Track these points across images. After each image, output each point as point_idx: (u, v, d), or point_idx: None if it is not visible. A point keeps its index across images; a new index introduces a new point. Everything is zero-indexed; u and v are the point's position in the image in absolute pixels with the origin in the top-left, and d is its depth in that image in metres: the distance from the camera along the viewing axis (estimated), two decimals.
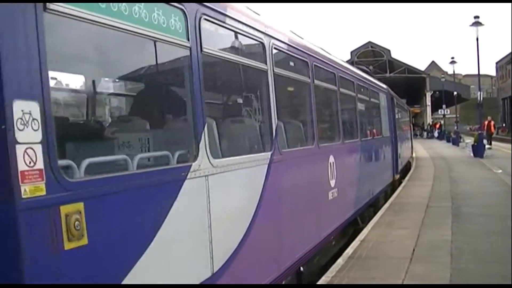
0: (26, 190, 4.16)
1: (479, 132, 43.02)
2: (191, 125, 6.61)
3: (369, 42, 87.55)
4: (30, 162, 4.21)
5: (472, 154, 40.53)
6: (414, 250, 11.93)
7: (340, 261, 11.29)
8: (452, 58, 70.39)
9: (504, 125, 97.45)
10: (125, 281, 5.23)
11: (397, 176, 25.34)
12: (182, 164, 6.41)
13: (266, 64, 8.91)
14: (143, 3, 5.78)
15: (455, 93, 77.69)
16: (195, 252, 6.65)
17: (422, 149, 51.76)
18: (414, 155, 41.73)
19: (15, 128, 4.10)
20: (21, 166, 4.12)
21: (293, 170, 10.06)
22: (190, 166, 6.45)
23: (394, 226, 14.68)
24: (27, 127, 4.20)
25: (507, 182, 23.77)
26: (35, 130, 4.27)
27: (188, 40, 6.52)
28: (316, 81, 11.67)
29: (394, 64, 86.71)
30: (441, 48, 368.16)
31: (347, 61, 71.82)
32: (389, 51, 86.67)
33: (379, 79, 22.41)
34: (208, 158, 6.78)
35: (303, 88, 11.34)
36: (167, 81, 7.81)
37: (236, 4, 7.88)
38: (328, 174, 12.27)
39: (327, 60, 13.30)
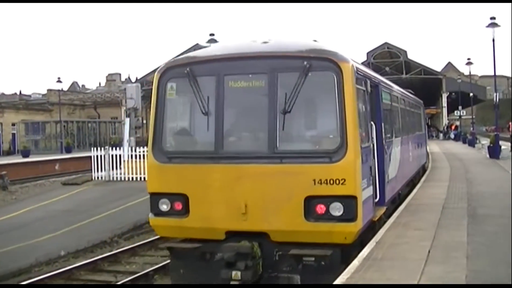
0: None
1: (496, 133, 42.85)
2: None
3: (386, 43, 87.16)
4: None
5: (488, 155, 40.42)
6: (429, 251, 11.90)
7: (355, 262, 11.25)
8: (469, 59, 69.82)
9: None
10: (391, 167, 16.63)
11: (427, 161, 35.41)
12: (391, 139, 16.93)
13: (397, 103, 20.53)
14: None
15: (471, 94, 77.39)
16: (394, 164, 17.24)
17: (438, 150, 51.56)
18: (429, 150, 41.91)
19: (383, 126, 15.37)
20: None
21: (404, 145, 20.77)
22: (393, 140, 17.31)
23: (409, 227, 14.63)
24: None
25: None
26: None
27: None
28: (406, 107, 23.64)
29: (410, 65, 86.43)
30: (458, 49, 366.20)
31: (363, 62, 71.98)
32: (405, 52, 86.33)
33: (395, 80, 28.89)
34: (394, 136, 17.88)
35: (405, 112, 22.74)
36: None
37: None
38: (409, 149, 22.79)
39: (411, 98, 27.50)
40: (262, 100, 12.10)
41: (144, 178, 32.57)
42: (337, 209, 11.45)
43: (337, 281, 10.01)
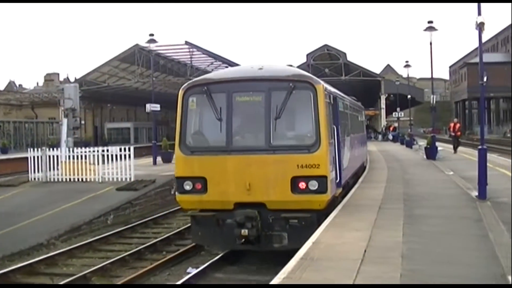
0: None
1: (432, 134, 43.44)
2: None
3: (325, 45, 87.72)
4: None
5: (425, 157, 40.96)
6: (365, 251, 12.03)
7: (292, 262, 11.34)
8: (407, 61, 71.24)
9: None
10: (344, 159, 20.66)
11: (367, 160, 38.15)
12: (344, 137, 21.24)
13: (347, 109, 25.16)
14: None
15: (409, 96, 78.35)
16: (346, 157, 21.32)
17: (376, 151, 52.05)
18: (368, 148, 42.82)
19: (339, 128, 19.64)
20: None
21: (352, 143, 24.72)
22: (345, 138, 21.78)
23: (346, 228, 14.77)
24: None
25: (458, 184, 24.13)
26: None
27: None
28: (353, 113, 28.31)
29: (350, 67, 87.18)
30: (397, 51, 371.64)
31: (303, 64, 72.41)
32: (345, 54, 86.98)
33: (334, 83, 28.47)
34: (346, 136, 22.11)
35: (352, 116, 27.38)
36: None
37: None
38: (355, 146, 26.63)
39: (355, 105, 31.72)
40: (260, 110, 16.62)
41: (83, 179, 32.33)
42: (313, 185, 16.06)
43: (273, 281, 10.07)
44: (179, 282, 15.78)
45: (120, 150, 32.39)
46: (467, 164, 33.40)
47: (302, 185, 16.16)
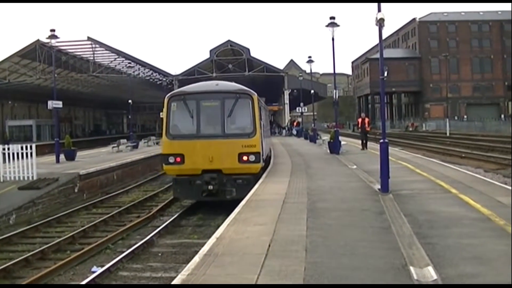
0: None
1: (336, 129, 43.97)
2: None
3: (229, 41, 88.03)
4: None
5: (328, 151, 41.44)
6: (269, 245, 12.11)
7: (196, 258, 11.31)
8: (309, 57, 71.34)
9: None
10: (264, 144, 27.31)
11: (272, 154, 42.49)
12: (263, 130, 27.84)
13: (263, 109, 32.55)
14: None
15: (312, 91, 79.19)
16: (264, 143, 28.21)
17: (280, 146, 52.43)
18: (272, 146, 43.52)
19: (262, 123, 28.73)
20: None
21: (265, 134, 30.86)
22: (263, 130, 28.12)
23: (250, 223, 14.82)
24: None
25: (361, 177, 24.55)
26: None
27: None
28: (265, 112, 38.03)
29: (253, 63, 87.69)
30: (300, 47, 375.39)
31: (207, 60, 72.36)
32: (248, 50, 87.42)
33: (237, 78, 30.99)
34: (259, 132, 25.40)
35: (265, 115, 35.73)
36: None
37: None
38: (267, 137, 35.43)
39: (265, 106, 43.11)
40: (218, 111, 24.90)
41: None
42: (252, 158, 24.36)
43: (177, 279, 10.03)
44: (83, 282, 15.46)
45: (22, 148, 31.61)
46: (370, 158, 34.02)
47: (245, 158, 24.26)
